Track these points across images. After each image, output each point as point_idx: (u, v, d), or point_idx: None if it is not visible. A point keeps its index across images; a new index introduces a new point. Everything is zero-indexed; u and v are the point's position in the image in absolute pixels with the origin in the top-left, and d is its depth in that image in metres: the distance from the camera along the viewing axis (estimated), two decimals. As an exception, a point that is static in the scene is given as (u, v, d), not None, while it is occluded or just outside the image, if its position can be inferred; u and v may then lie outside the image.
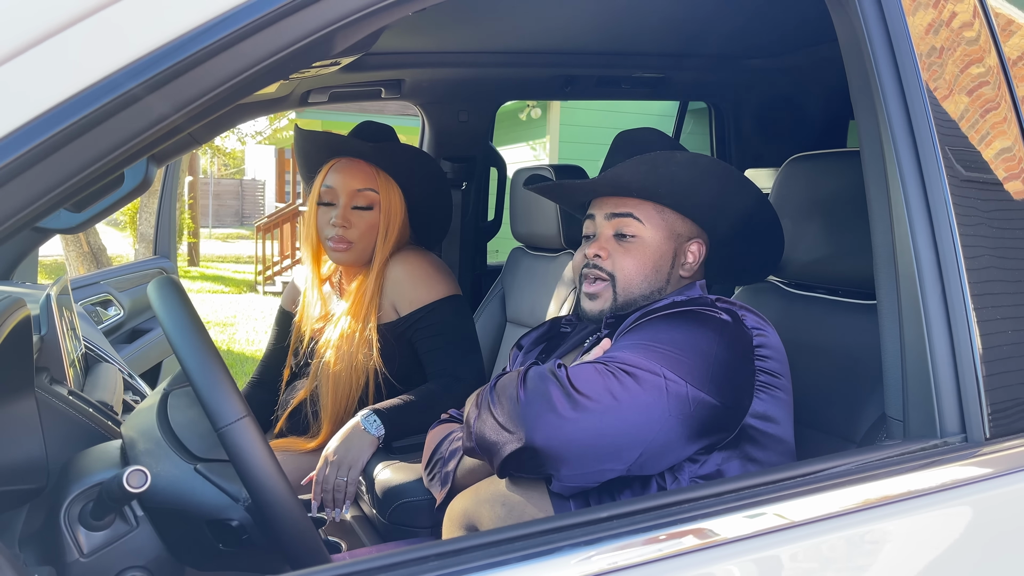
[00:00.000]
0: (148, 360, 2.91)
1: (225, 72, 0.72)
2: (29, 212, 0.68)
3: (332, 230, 1.85)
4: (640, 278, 1.30)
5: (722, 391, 1.10)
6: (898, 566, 0.85)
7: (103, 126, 0.68)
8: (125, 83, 0.68)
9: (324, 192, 1.87)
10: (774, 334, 1.21)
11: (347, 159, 1.88)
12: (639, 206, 1.31)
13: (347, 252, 1.87)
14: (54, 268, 9.49)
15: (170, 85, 0.69)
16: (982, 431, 0.92)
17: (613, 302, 1.31)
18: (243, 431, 0.87)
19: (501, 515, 1.20)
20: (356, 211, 1.86)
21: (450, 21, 2.16)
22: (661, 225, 1.31)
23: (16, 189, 0.66)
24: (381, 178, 1.88)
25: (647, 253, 1.30)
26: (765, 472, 0.89)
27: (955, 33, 1.04)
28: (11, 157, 0.65)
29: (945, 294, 0.94)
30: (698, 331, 1.13)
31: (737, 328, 1.16)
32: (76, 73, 0.67)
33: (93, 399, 1.34)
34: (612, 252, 1.31)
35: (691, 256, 1.34)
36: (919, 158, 0.97)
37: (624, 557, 0.75)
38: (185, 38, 0.69)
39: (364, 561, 0.74)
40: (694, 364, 1.10)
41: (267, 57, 0.74)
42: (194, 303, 0.97)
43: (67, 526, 0.94)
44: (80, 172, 0.69)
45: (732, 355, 1.13)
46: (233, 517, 0.96)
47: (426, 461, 1.43)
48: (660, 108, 8.87)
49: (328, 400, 1.87)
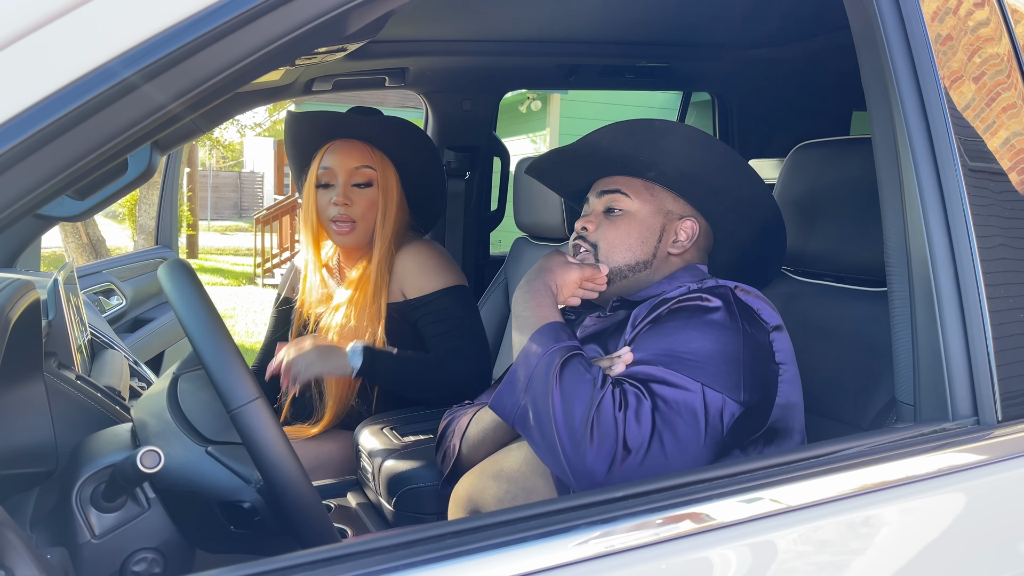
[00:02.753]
0: (151, 349, 2.91)
1: (228, 57, 0.72)
2: (31, 199, 0.68)
3: (334, 209, 1.86)
4: (623, 248, 1.31)
5: (752, 393, 1.10)
6: (912, 546, 0.85)
7: (101, 114, 0.67)
8: (121, 71, 0.67)
9: (322, 174, 1.88)
10: (782, 323, 1.20)
11: (341, 140, 1.89)
12: (628, 183, 1.33)
13: (351, 233, 1.87)
14: (52, 260, 9.48)
15: (169, 72, 0.69)
16: (994, 414, 0.93)
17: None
18: (256, 412, 0.88)
19: (506, 490, 1.21)
20: (356, 188, 1.87)
21: (455, 9, 2.15)
22: (650, 200, 1.33)
23: (17, 176, 0.66)
24: (376, 155, 1.90)
25: (633, 225, 1.32)
26: (775, 455, 0.89)
27: (969, 19, 1.03)
28: (11, 144, 0.65)
29: (958, 278, 0.94)
30: (724, 336, 1.12)
31: (756, 326, 1.16)
32: (73, 61, 0.66)
33: (100, 384, 1.34)
34: (599, 224, 1.33)
35: (683, 234, 1.33)
36: (933, 145, 0.97)
37: (620, 540, 0.75)
38: (184, 24, 0.69)
39: (371, 541, 0.74)
40: (729, 373, 1.09)
41: (267, 44, 0.73)
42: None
43: (79, 508, 0.95)
44: (79, 160, 0.68)
45: (756, 357, 1.13)
46: (245, 499, 0.96)
47: (437, 444, 1.44)
48: (662, 100, 8.87)
49: (332, 382, 1.87)
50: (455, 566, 0.71)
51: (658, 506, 0.79)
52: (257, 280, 11.33)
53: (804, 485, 0.84)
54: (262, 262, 11.46)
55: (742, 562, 0.79)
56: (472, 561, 0.72)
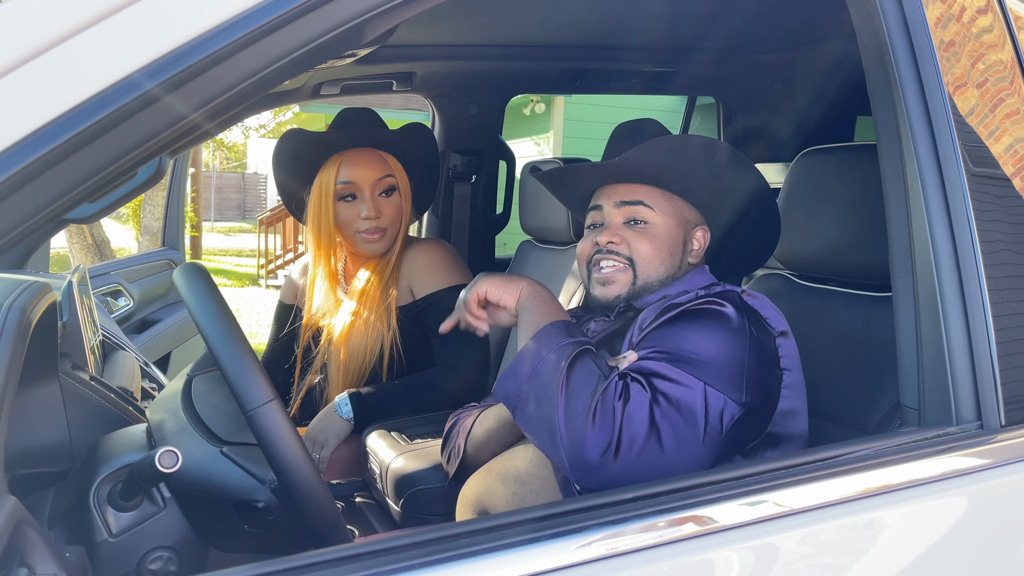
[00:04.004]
0: (158, 350, 2.93)
1: (247, 69, 0.73)
2: (58, 205, 0.70)
3: (365, 223, 1.87)
4: (657, 261, 1.30)
5: (754, 396, 1.11)
6: (914, 550, 0.86)
7: (127, 124, 0.69)
8: (145, 82, 0.69)
9: (342, 188, 1.87)
10: (788, 328, 1.21)
11: (356, 151, 1.88)
12: (649, 193, 1.31)
13: (381, 240, 1.90)
14: (56, 260, 9.51)
15: (191, 84, 0.70)
16: (998, 418, 0.94)
17: (631, 286, 1.30)
18: (271, 414, 0.89)
19: (514, 492, 1.22)
20: (382, 198, 1.89)
21: (462, 14, 2.17)
22: (670, 212, 1.32)
23: (45, 183, 0.68)
24: (391, 161, 1.92)
25: (660, 238, 1.30)
26: (781, 459, 0.91)
27: (972, 24, 1.05)
28: (41, 152, 0.66)
29: (962, 283, 0.96)
30: (729, 339, 1.12)
31: (762, 330, 1.16)
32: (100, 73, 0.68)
33: (113, 385, 1.36)
34: (626, 238, 1.30)
35: (697, 243, 1.35)
36: (937, 150, 0.98)
37: (624, 542, 0.76)
38: (205, 37, 0.71)
39: (384, 541, 0.76)
40: (732, 375, 1.10)
41: (289, 53, 0.75)
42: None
43: (96, 507, 0.96)
44: (106, 168, 0.70)
45: (761, 360, 1.14)
46: (259, 499, 0.98)
47: (442, 445, 1.46)
48: (666, 104, 8.87)
49: (339, 382, 1.89)
50: (467, 566, 0.73)
51: (662, 508, 0.80)
52: (260, 281, 11.35)
53: (807, 488, 0.85)
54: (265, 263, 11.47)
55: (745, 564, 0.80)
56: (483, 561, 0.73)
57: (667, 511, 0.80)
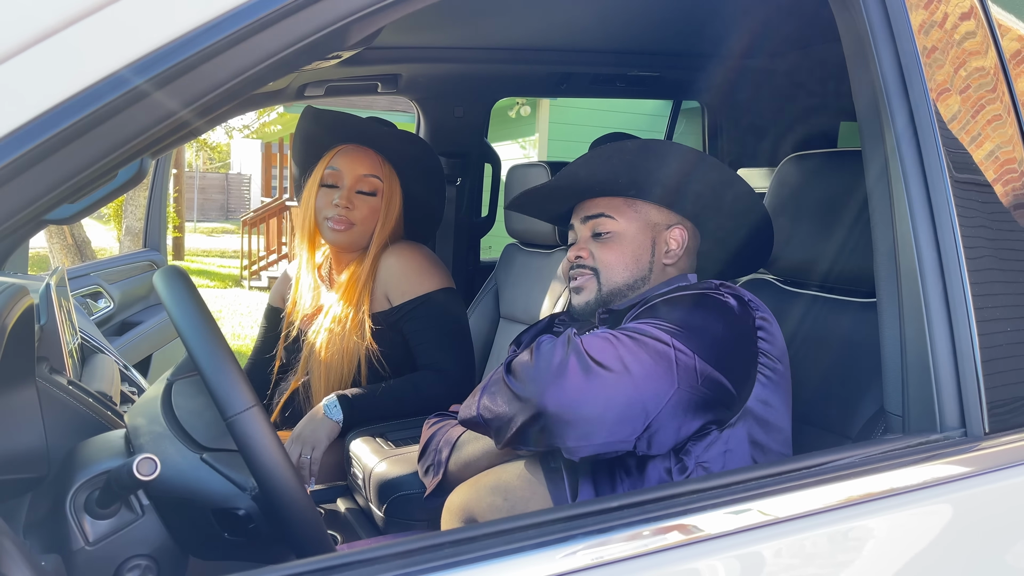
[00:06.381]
0: (138, 352, 2.90)
1: (234, 67, 0.72)
2: (39, 205, 0.68)
3: (333, 210, 1.86)
4: (621, 267, 1.34)
5: (727, 368, 1.12)
6: (899, 558, 0.86)
7: (112, 121, 0.68)
8: (132, 79, 0.68)
9: (328, 174, 1.88)
10: (774, 321, 1.23)
11: (354, 146, 1.90)
12: (609, 204, 1.36)
13: (345, 233, 1.87)
14: (36, 261, 9.40)
15: (178, 81, 0.69)
16: (981, 426, 0.94)
17: (598, 292, 1.35)
18: (252, 420, 0.88)
19: (500, 505, 1.21)
20: (359, 195, 1.88)
21: (448, 17, 2.16)
22: (634, 217, 1.36)
23: (26, 182, 0.66)
24: (386, 168, 1.91)
25: (624, 244, 1.35)
26: (763, 465, 0.90)
27: (955, 31, 1.05)
28: (22, 151, 0.65)
29: (946, 291, 0.96)
30: (703, 311, 1.16)
31: (741, 309, 1.18)
32: (85, 69, 0.67)
33: (92, 389, 1.34)
34: (592, 250, 1.36)
35: (674, 243, 1.36)
36: (921, 156, 0.99)
37: (609, 552, 0.76)
38: (192, 34, 0.70)
39: (369, 551, 0.75)
40: (701, 340, 1.12)
41: (277, 53, 0.74)
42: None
43: (73, 514, 0.94)
44: (88, 167, 0.69)
45: (736, 335, 1.16)
46: (240, 506, 0.96)
47: (420, 453, 1.44)
48: (652, 108, 8.89)
49: (320, 389, 1.88)
50: (452, 575, 0.72)
51: (647, 517, 0.80)
52: (243, 282, 11.28)
53: (792, 497, 0.85)
54: (248, 264, 11.40)
55: (731, 573, 0.80)
56: (468, 571, 0.73)
57: (652, 520, 0.80)
